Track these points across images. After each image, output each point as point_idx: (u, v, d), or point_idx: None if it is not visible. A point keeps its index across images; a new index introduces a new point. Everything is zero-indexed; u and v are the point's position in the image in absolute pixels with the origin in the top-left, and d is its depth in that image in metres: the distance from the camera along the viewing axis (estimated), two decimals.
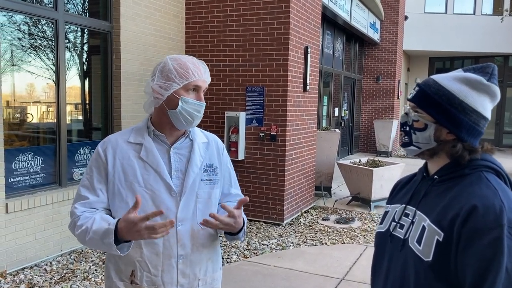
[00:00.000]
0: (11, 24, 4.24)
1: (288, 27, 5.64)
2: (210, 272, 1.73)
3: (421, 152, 1.28)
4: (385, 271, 1.32)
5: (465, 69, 1.26)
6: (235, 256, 4.67)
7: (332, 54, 10.74)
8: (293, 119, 5.97)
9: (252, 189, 6.01)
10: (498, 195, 1.12)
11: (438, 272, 1.15)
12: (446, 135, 1.23)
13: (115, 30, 5.12)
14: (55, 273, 4.12)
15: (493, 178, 1.19)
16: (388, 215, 1.39)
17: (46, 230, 4.38)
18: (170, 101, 1.59)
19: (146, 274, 1.60)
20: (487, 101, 1.22)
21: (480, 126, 1.22)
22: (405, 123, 1.29)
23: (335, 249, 4.99)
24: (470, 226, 1.09)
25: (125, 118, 5.22)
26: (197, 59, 1.68)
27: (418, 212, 1.25)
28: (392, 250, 1.30)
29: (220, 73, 6.11)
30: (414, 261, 1.20)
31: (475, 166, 1.21)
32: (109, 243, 1.47)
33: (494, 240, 1.06)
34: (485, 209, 1.09)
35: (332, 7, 8.95)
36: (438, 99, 1.21)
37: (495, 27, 15.01)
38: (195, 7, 6.19)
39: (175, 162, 1.65)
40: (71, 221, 1.61)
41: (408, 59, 17.69)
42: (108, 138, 1.68)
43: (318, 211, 6.65)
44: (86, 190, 1.61)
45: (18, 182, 4.24)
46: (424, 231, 1.19)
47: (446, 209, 1.17)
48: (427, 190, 1.27)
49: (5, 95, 4.21)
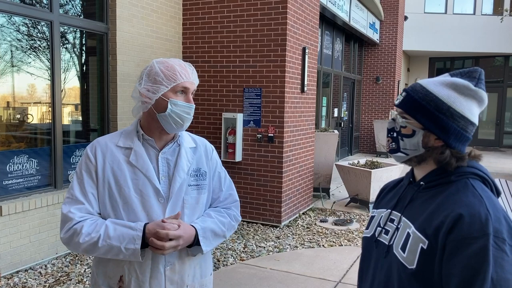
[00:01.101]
0: (5, 25, 4.21)
1: (285, 28, 5.61)
2: (198, 278, 1.71)
3: (409, 158, 1.25)
4: (371, 276, 1.31)
5: (452, 74, 1.23)
6: (231, 259, 4.64)
7: (331, 55, 10.71)
8: (291, 120, 5.94)
9: (250, 190, 5.98)
10: (484, 203, 1.10)
11: (422, 280, 1.13)
12: (434, 141, 1.20)
13: (111, 31, 5.10)
14: (50, 276, 4.09)
15: (479, 186, 1.17)
16: (374, 220, 1.37)
17: (41, 233, 4.35)
18: (158, 104, 1.58)
19: (134, 279, 1.59)
20: (474, 106, 1.20)
21: (468, 132, 1.20)
22: (393, 129, 1.27)
23: (332, 251, 4.96)
24: (455, 235, 1.07)
25: (122, 120, 5.20)
26: (184, 62, 1.66)
27: (403, 218, 1.23)
28: (377, 255, 1.29)
29: (217, 74, 6.08)
30: (398, 268, 1.18)
31: (461, 173, 1.19)
32: (133, 249, 1.50)
33: (479, 249, 1.04)
34: (470, 218, 1.07)
35: (331, 7, 8.92)
36: (426, 105, 1.19)
37: (495, 27, 14.97)
38: (192, 8, 6.16)
39: (163, 167, 1.64)
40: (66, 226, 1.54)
41: (408, 59, 17.65)
42: (97, 141, 1.66)
43: (316, 213, 6.62)
44: (79, 194, 1.58)
45: (13, 184, 4.22)
46: (408, 238, 1.18)
47: (431, 217, 1.15)
48: (413, 196, 1.25)
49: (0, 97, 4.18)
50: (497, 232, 1.05)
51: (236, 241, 5.22)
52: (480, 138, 17.06)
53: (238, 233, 5.55)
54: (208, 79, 6.15)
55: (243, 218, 6.03)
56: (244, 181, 6.01)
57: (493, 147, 16.74)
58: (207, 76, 6.15)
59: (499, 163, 12.41)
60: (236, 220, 1.81)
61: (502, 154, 14.85)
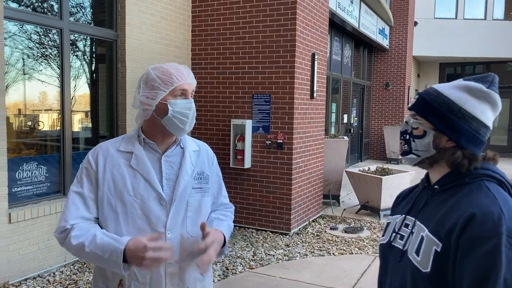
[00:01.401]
0: (17, 34, 4.24)
1: (294, 34, 5.59)
2: (199, 279, 1.71)
3: (421, 160, 1.25)
4: (388, 283, 1.29)
5: (466, 79, 1.23)
6: (240, 267, 4.59)
7: (340, 61, 10.66)
8: (300, 126, 5.90)
9: (259, 197, 5.93)
10: (497, 203, 1.07)
11: (436, 284, 1.11)
12: (446, 142, 1.20)
13: (120, 39, 5.11)
14: (58, 284, 4.07)
15: (494, 187, 1.14)
16: (389, 226, 1.36)
17: (49, 240, 4.34)
18: (159, 109, 1.59)
19: (134, 283, 1.59)
20: (487, 109, 1.19)
21: (480, 134, 1.18)
22: (405, 132, 1.27)
23: (343, 259, 4.88)
24: (467, 235, 1.06)
25: (131, 126, 5.20)
26: (179, 64, 1.66)
27: (418, 222, 1.22)
28: (393, 261, 1.27)
29: (226, 81, 6.06)
30: (412, 272, 1.17)
31: (476, 175, 1.17)
32: (116, 262, 1.47)
33: (492, 249, 1.01)
34: (483, 217, 1.05)
35: (340, 13, 8.88)
36: (437, 106, 1.19)
37: (507, 32, 14.81)
38: (201, 15, 6.17)
39: (166, 170, 1.64)
40: (60, 229, 1.57)
41: (418, 65, 17.53)
42: (99, 146, 1.67)
43: (326, 220, 6.54)
44: (77, 198, 1.59)
45: (22, 191, 4.22)
46: (422, 241, 1.16)
47: (444, 219, 1.13)
48: (427, 200, 1.24)
49: (10, 104, 4.20)
50: (510, 231, 1.03)
51: (245, 249, 5.17)
52: (492, 144, 16.83)
53: (247, 240, 5.49)
54: (217, 85, 6.13)
55: (252, 225, 5.98)
56: (253, 188, 5.96)
57: (506, 153, 16.50)
58: (216, 83, 6.13)
59: (511, 169, 12.21)
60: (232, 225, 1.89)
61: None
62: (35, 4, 4.35)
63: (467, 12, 15.87)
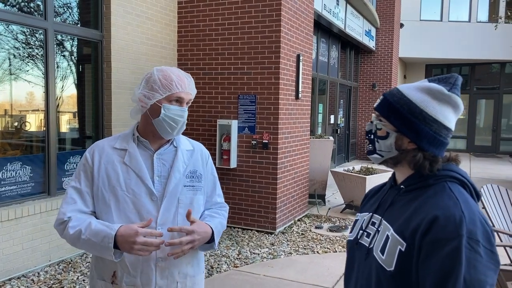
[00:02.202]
0: (2, 33, 4.24)
1: (279, 36, 5.66)
2: (190, 275, 1.77)
3: (384, 160, 1.28)
4: (354, 279, 1.33)
5: (430, 79, 1.26)
6: (225, 266, 4.64)
7: (327, 62, 10.76)
8: (285, 126, 5.97)
9: (245, 197, 5.99)
10: (459, 205, 1.12)
11: (400, 282, 1.15)
12: (408, 144, 1.23)
13: (105, 39, 5.13)
14: (43, 283, 4.08)
15: (457, 189, 1.18)
16: (357, 223, 1.39)
17: (34, 240, 4.35)
18: (153, 110, 1.67)
19: (126, 275, 1.67)
20: (449, 112, 1.22)
21: (442, 136, 1.21)
22: (370, 131, 1.30)
23: (326, 257, 4.96)
24: (430, 236, 1.10)
25: (116, 127, 5.21)
26: (184, 72, 1.74)
27: (384, 221, 1.25)
28: (359, 258, 1.31)
29: (212, 81, 6.11)
30: (377, 270, 1.20)
31: (440, 176, 1.21)
32: (107, 247, 1.55)
33: (452, 250, 1.06)
34: (445, 220, 1.09)
35: (326, 15, 8.98)
36: (399, 108, 1.21)
37: (491, 34, 15.07)
38: (187, 16, 6.21)
39: (158, 167, 1.72)
40: (59, 221, 1.66)
41: (405, 66, 17.74)
42: (96, 144, 1.77)
43: (312, 219, 6.62)
44: (75, 193, 1.69)
45: (6, 191, 4.22)
46: (387, 240, 1.20)
47: (409, 219, 1.17)
48: (394, 199, 1.28)
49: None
50: (471, 233, 1.07)
51: (231, 248, 5.22)
52: (477, 144, 17.11)
53: (233, 239, 5.54)
54: (203, 86, 6.18)
55: (238, 224, 6.03)
56: (239, 188, 6.01)
57: (490, 153, 16.78)
58: (202, 83, 6.18)
59: (495, 169, 12.43)
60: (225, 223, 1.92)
61: (499, 160, 14.88)
62: (21, 4, 4.36)
63: (452, 14, 16.12)
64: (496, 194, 4.27)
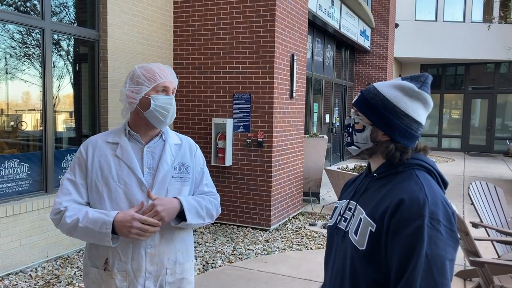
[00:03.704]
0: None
1: (273, 35, 5.74)
2: (179, 262, 1.85)
3: (361, 151, 1.40)
4: (332, 260, 1.44)
5: (404, 78, 1.37)
6: (220, 261, 4.72)
7: (322, 62, 10.85)
8: (280, 125, 6.05)
9: (240, 195, 6.07)
10: (423, 189, 1.23)
11: (371, 259, 1.26)
12: (382, 136, 1.34)
13: (102, 39, 5.20)
14: (40, 279, 4.15)
15: (422, 175, 1.30)
16: (337, 210, 1.50)
17: (31, 236, 4.41)
18: (143, 103, 1.77)
19: (117, 261, 1.76)
20: (420, 107, 1.33)
21: (412, 129, 1.33)
22: (349, 125, 1.42)
23: (319, 253, 5.05)
24: (397, 217, 1.21)
25: (112, 125, 5.29)
26: (163, 64, 1.84)
27: (358, 206, 1.37)
28: (337, 241, 1.42)
29: (208, 80, 6.19)
30: (351, 250, 1.31)
31: (408, 164, 1.33)
32: (105, 233, 1.66)
33: (416, 229, 1.17)
34: (410, 202, 1.21)
35: (321, 15, 9.07)
36: (374, 104, 1.33)
37: (486, 34, 15.20)
38: (183, 16, 6.28)
39: (147, 159, 1.82)
40: (55, 211, 1.75)
41: (400, 66, 17.86)
42: (89, 139, 1.87)
43: (306, 217, 6.71)
44: (70, 184, 1.79)
45: (4, 188, 4.29)
46: (360, 223, 1.31)
47: (379, 203, 1.29)
48: (367, 186, 1.39)
49: None
50: (432, 214, 1.19)
51: (226, 244, 5.30)
52: (471, 143, 17.25)
53: (227, 236, 5.63)
54: (198, 85, 6.25)
55: (233, 222, 6.11)
56: (234, 186, 6.10)
57: (484, 152, 16.92)
58: (198, 82, 6.26)
59: (489, 168, 12.56)
60: (217, 211, 1.95)
61: (493, 159, 15.02)
62: (17, 4, 4.42)
63: (446, 14, 16.24)
64: (485, 190, 4.37)
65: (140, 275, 1.76)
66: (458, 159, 14.72)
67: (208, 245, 5.25)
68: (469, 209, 7.24)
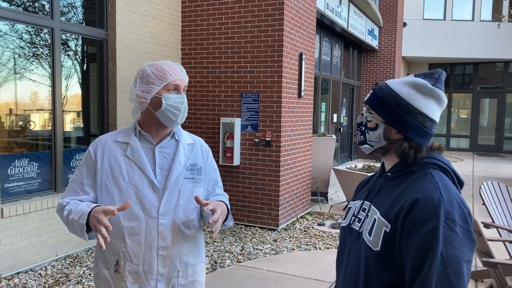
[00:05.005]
0: (8, 33, 4.33)
1: (282, 34, 5.72)
2: (191, 264, 1.83)
3: (374, 150, 1.38)
4: (345, 261, 1.41)
5: (416, 74, 1.34)
6: (228, 261, 4.71)
7: (330, 61, 10.81)
8: (288, 125, 6.03)
9: (248, 194, 6.06)
10: (438, 189, 1.20)
11: (385, 260, 1.24)
12: (395, 134, 1.32)
13: (111, 38, 5.21)
14: (50, 277, 4.16)
15: (438, 174, 1.27)
16: (350, 211, 1.48)
17: (41, 235, 4.43)
18: (154, 102, 1.72)
19: (128, 263, 1.73)
20: (433, 104, 1.30)
21: (426, 127, 1.30)
22: (361, 123, 1.39)
23: (328, 253, 5.02)
24: (411, 217, 1.19)
25: (121, 124, 5.29)
26: (173, 62, 1.80)
27: (372, 206, 1.34)
28: (350, 242, 1.39)
29: (216, 80, 6.18)
30: (365, 251, 1.29)
31: (423, 163, 1.30)
32: (81, 224, 1.62)
33: (431, 229, 1.15)
34: (425, 202, 1.18)
35: (329, 14, 9.03)
36: (387, 101, 1.30)
37: (495, 33, 15.06)
38: (191, 15, 6.28)
39: (160, 160, 1.77)
40: (59, 206, 1.76)
41: (408, 65, 17.75)
42: (99, 138, 1.83)
43: (314, 217, 6.68)
44: (75, 184, 1.78)
45: (14, 187, 4.31)
46: (374, 223, 1.29)
47: (394, 203, 1.26)
48: (381, 186, 1.37)
49: (1, 104, 4.28)
50: (448, 214, 1.16)
51: (234, 243, 5.29)
52: (480, 143, 17.10)
53: (236, 236, 5.61)
54: (206, 85, 6.25)
55: (241, 221, 6.10)
56: (242, 185, 6.08)
57: (493, 152, 16.77)
58: (206, 82, 6.25)
59: (498, 168, 12.45)
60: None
61: (502, 159, 14.88)
62: (26, 4, 4.44)
63: (455, 13, 16.11)
64: (496, 190, 4.32)
65: (151, 277, 1.73)
66: (466, 159, 14.60)
67: (217, 245, 5.24)
68: (479, 209, 7.17)
